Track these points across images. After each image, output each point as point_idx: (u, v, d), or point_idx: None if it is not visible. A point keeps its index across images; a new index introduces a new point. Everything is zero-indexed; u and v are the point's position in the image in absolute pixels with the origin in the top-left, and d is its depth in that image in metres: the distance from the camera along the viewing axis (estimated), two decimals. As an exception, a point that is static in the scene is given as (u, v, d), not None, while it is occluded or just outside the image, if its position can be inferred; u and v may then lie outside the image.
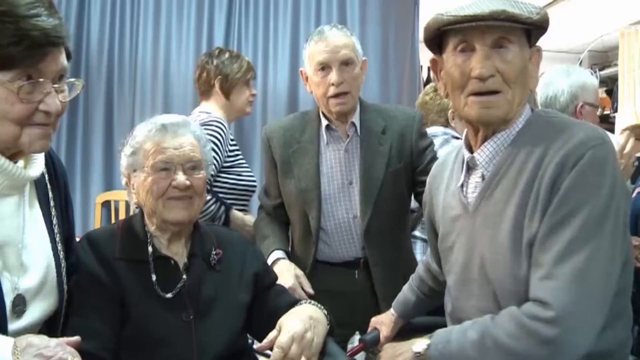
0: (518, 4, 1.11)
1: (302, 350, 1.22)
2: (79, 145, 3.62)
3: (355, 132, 1.78)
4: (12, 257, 1.10)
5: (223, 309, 1.36)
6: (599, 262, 1.02)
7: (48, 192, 1.24)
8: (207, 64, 2.36)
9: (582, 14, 4.88)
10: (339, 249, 1.79)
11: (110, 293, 1.29)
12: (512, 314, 1.06)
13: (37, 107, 1.01)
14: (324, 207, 1.77)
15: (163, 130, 1.36)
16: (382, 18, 3.78)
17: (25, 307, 1.11)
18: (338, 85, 1.70)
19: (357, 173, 1.76)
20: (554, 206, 1.05)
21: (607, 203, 1.03)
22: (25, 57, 0.97)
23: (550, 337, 1.00)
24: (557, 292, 1.01)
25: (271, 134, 1.88)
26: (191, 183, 1.34)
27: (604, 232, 1.03)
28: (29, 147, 1.05)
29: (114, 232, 1.39)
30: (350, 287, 1.78)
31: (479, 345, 1.08)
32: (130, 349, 1.28)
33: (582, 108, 1.97)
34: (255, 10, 3.78)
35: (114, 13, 3.65)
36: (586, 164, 1.04)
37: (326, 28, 1.76)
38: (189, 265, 1.37)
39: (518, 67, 1.12)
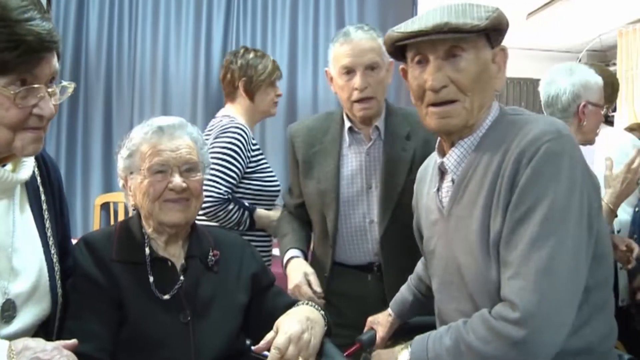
0: (466, 11, 1.11)
1: (299, 351, 1.22)
2: (79, 148, 3.63)
3: (379, 136, 1.75)
4: (2, 261, 1.08)
5: (221, 310, 1.36)
6: (563, 258, 1.01)
7: (40, 195, 1.22)
8: (232, 64, 2.30)
9: (580, 13, 4.88)
10: (353, 252, 1.78)
11: (107, 295, 1.29)
12: (482, 316, 1.06)
13: (31, 111, 1.00)
14: (341, 209, 1.75)
15: (159, 132, 1.36)
16: (380, 18, 3.79)
17: (15, 313, 1.09)
18: (362, 90, 1.67)
19: (377, 177, 1.74)
20: (513, 204, 1.05)
21: (566, 197, 1.02)
22: (20, 63, 0.96)
23: (518, 338, 0.99)
24: (522, 292, 1.00)
25: (295, 132, 1.87)
26: (188, 185, 1.34)
27: (567, 227, 1.02)
28: (22, 151, 1.04)
29: (111, 234, 1.39)
30: (363, 290, 1.76)
31: (454, 351, 1.07)
32: (127, 350, 1.28)
33: (584, 107, 1.94)
34: (253, 10, 3.78)
35: (112, 15, 3.66)
36: (541, 159, 1.03)
37: (352, 29, 1.71)
38: (187, 267, 1.37)
39: (472, 74, 1.12)
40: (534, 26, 5.23)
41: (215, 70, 3.74)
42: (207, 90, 3.73)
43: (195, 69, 3.72)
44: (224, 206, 2.06)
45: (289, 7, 3.79)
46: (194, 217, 1.40)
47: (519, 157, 1.05)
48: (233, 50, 2.51)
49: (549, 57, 6.15)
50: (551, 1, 4.68)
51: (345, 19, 3.81)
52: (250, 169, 2.18)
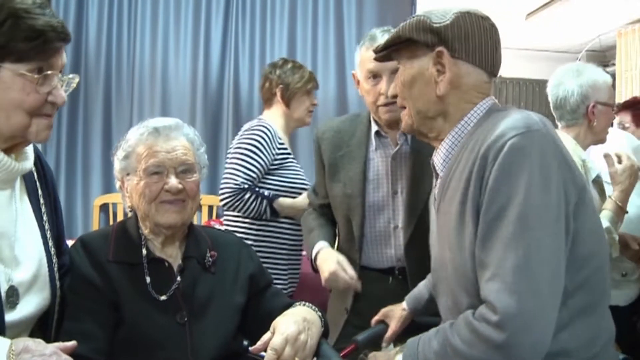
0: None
1: (295, 352, 1.22)
2: (79, 149, 3.64)
3: (406, 140, 1.73)
4: (6, 249, 1.12)
5: (218, 311, 1.36)
6: (541, 257, 0.98)
7: (37, 188, 1.26)
8: (270, 74, 2.45)
9: (579, 13, 4.88)
10: (377, 257, 1.76)
11: (104, 296, 1.29)
12: (466, 319, 1.04)
13: (46, 98, 1.08)
14: (367, 214, 1.74)
15: (155, 133, 1.36)
16: (378, 19, 3.79)
17: (17, 300, 1.12)
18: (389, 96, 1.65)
19: (403, 183, 1.72)
20: (485, 203, 1.03)
21: (540, 193, 0.99)
22: (40, 52, 1.05)
23: (500, 341, 0.97)
24: (500, 294, 0.98)
25: (322, 134, 1.86)
26: (184, 186, 1.34)
27: (543, 225, 0.99)
28: (36, 136, 1.10)
29: (108, 235, 1.39)
30: (384, 293, 1.74)
31: (441, 355, 1.07)
32: (124, 351, 1.28)
33: (594, 108, 1.91)
34: (252, 11, 3.79)
35: (112, 16, 3.67)
36: (506, 155, 1.01)
37: (378, 33, 1.70)
38: (184, 268, 1.37)
39: (402, 83, 1.22)
40: (533, 27, 5.23)
41: (214, 71, 3.75)
42: (206, 91, 3.74)
43: (194, 69, 3.72)
44: (240, 196, 2.18)
45: (288, 8, 3.80)
46: (190, 218, 1.40)
47: (485, 153, 1.04)
48: (272, 62, 2.62)
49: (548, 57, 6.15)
50: (550, 2, 4.68)
51: (344, 20, 3.81)
52: (274, 166, 2.29)
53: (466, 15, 1.16)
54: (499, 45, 1.20)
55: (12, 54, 1.03)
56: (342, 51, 3.84)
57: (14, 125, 1.07)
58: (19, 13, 1.03)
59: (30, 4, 1.05)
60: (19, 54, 1.03)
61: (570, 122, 1.95)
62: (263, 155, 2.24)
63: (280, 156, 2.31)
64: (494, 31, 1.18)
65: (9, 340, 0.99)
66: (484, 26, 1.16)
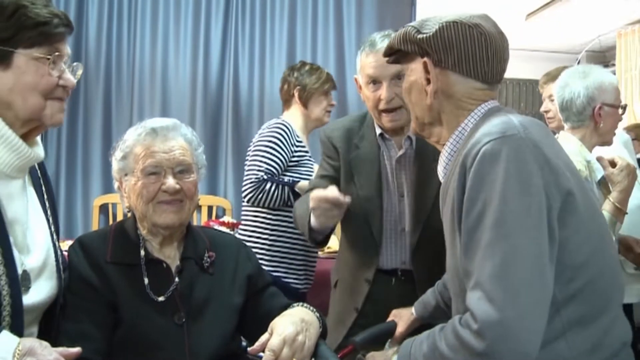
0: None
1: (293, 353, 1.22)
2: (79, 149, 3.65)
3: (410, 145, 1.72)
4: (19, 235, 1.17)
5: (215, 312, 1.36)
6: (519, 263, 0.96)
7: (41, 184, 1.31)
8: (289, 77, 2.53)
9: (579, 14, 4.88)
10: (383, 258, 1.75)
11: (102, 296, 1.29)
12: (453, 324, 1.04)
13: (57, 82, 1.16)
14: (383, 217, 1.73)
15: (153, 134, 1.36)
16: (378, 20, 3.79)
17: (30, 284, 1.17)
18: (389, 102, 1.64)
19: (408, 186, 1.72)
20: (465, 211, 1.03)
21: (517, 199, 0.98)
22: (48, 37, 1.13)
23: (480, 349, 0.96)
24: (479, 302, 0.97)
25: (331, 133, 1.82)
26: (181, 187, 1.34)
27: (521, 231, 0.97)
28: (51, 118, 1.18)
29: (106, 235, 1.39)
30: (389, 293, 1.74)
31: (429, 358, 1.07)
32: (122, 352, 1.28)
33: (600, 109, 1.90)
34: (251, 12, 3.79)
35: (111, 17, 3.68)
36: (479, 162, 1.01)
37: (378, 39, 1.68)
38: (182, 268, 1.37)
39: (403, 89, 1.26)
40: (533, 27, 5.23)
41: (214, 71, 3.75)
42: (206, 91, 3.74)
43: (194, 70, 3.73)
44: (261, 188, 2.26)
45: (288, 9, 3.80)
46: (187, 219, 1.40)
47: (463, 162, 1.05)
48: (291, 65, 2.69)
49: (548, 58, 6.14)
50: (550, 2, 4.68)
51: (344, 21, 3.82)
52: (293, 163, 2.38)
53: (451, 25, 1.15)
54: (493, 52, 1.16)
55: (24, 40, 1.11)
56: (341, 52, 3.84)
57: (30, 108, 1.14)
58: (25, 4, 1.12)
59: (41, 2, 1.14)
60: (30, 40, 1.11)
61: (576, 124, 1.94)
62: (282, 151, 2.33)
63: (298, 153, 2.40)
64: (484, 39, 1.14)
65: (17, 339, 1.03)
66: (471, 35, 1.14)
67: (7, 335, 1.04)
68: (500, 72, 1.20)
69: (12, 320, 1.11)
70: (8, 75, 1.11)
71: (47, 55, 1.13)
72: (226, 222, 3.13)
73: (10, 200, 1.16)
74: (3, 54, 1.10)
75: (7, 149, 1.14)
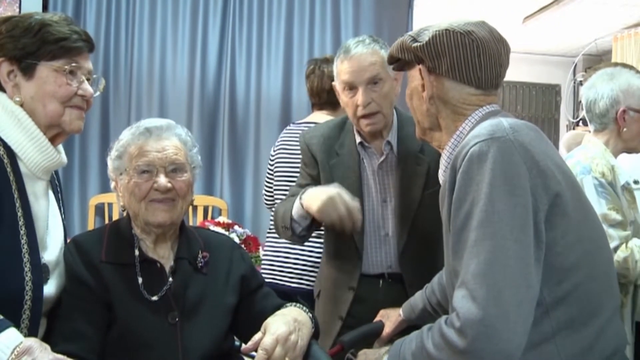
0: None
1: (286, 352, 1.23)
2: (77, 149, 3.65)
3: (391, 150, 1.72)
4: (40, 231, 1.27)
5: (209, 312, 1.37)
6: (503, 263, 0.97)
7: (57, 187, 1.42)
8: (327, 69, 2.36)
9: (576, 18, 4.90)
10: (368, 263, 1.75)
11: (96, 296, 1.30)
12: (439, 323, 1.06)
13: (76, 91, 1.28)
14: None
15: (147, 133, 1.37)
16: (375, 22, 3.80)
17: (49, 276, 1.27)
18: (365, 106, 1.63)
19: (391, 191, 1.72)
20: (452, 212, 1.05)
21: (503, 200, 0.99)
22: (67, 51, 1.26)
23: (461, 347, 0.98)
24: (463, 301, 0.99)
25: (309, 140, 1.81)
26: (173, 185, 1.34)
27: (505, 231, 0.98)
28: (69, 125, 1.29)
29: (101, 235, 1.40)
30: (375, 295, 1.74)
31: (416, 356, 1.08)
32: (116, 351, 1.28)
33: (624, 113, 1.83)
34: (249, 14, 3.79)
35: (109, 18, 3.68)
36: (466, 163, 1.03)
37: (352, 45, 1.67)
38: (175, 268, 1.38)
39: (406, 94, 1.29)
40: (530, 30, 5.25)
41: (211, 72, 3.76)
42: (203, 92, 3.74)
43: (192, 71, 3.73)
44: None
45: (285, 11, 3.80)
46: (180, 218, 1.40)
47: (454, 162, 1.07)
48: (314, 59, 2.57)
49: (545, 61, 6.18)
50: (547, 5, 4.70)
51: (341, 23, 3.82)
52: None
53: (444, 33, 1.16)
54: (487, 58, 1.17)
55: (46, 54, 1.24)
56: (339, 54, 3.84)
57: (50, 113, 1.26)
58: (48, 23, 1.26)
59: (57, 18, 1.29)
60: (52, 53, 1.24)
61: (599, 127, 1.89)
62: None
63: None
64: (476, 45, 1.16)
65: (21, 338, 1.08)
66: (462, 42, 1.16)
67: (14, 332, 1.09)
68: (497, 77, 1.20)
69: (32, 306, 1.20)
70: (31, 84, 1.25)
71: (64, 66, 1.25)
72: (222, 222, 3.13)
73: (35, 198, 1.27)
74: (28, 65, 1.24)
75: (38, 150, 1.26)
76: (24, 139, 1.24)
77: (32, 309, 1.19)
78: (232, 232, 2.87)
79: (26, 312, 1.18)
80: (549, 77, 6.26)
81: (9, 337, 1.07)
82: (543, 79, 6.33)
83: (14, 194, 1.21)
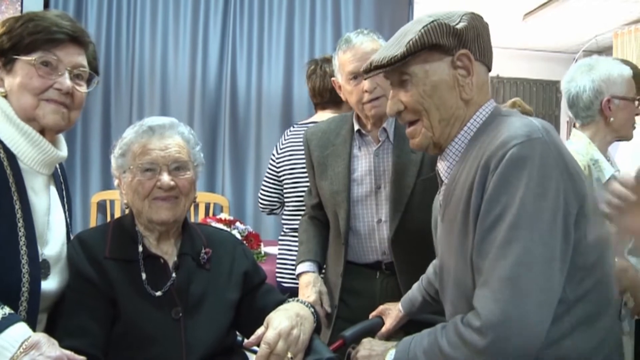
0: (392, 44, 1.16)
1: (288, 346, 1.24)
2: (79, 146, 3.66)
3: (387, 137, 1.76)
4: (40, 227, 1.27)
5: (212, 307, 1.38)
6: (530, 266, 0.98)
7: (62, 189, 1.42)
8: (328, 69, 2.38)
9: (576, 14, 4.90)
10: (363, 251, 1.80)
11: (101, 292, 1.31)
12: (455, 322, 1.07)
13: (51, 84, 1.25)
14: (352, 209, 1.78)
15: (150, 132, 1.38)
16: (376, 19, 3.80)
17: (49, 271, 1.27)
18: (372, 91, 1.68)
19: (386, 178, 1.76)
20: (482, 211, 1.04)
21: (535, 202, 0.99)
22: (43, 43, 1.24)
23: (481, 346, 0.99)
24: (487, 301, 0.99)
25: (310, 136, 1.91)
26: (176, 183, 1.36)
27: (535, 234, 0.99)
28: (43, 118, 1.26)
29: (104, 232, 1.41)
30: (372, 288, 1.79)
31: (429, 354, 1.09)
32: (120, 346, 1.30)
33: (609, 103, 1.79)
34: (250, 12, 3.80)
35: (110, 17, 3.69)
36: (506, 165, 1.01)
37: (352, 35, 1.74)
38: (179, 264, 1.39)
39: (422, 94, 1.14)
40: (530, 27, 5.25)
41: (213, 70, 3.77)
42: (204, 90, 3.76)
43: (193, 69, 3.74)
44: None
45: (286, 10, 3.81)
46: (183, 215, 1.42)
47: (487, 163, 1.04)
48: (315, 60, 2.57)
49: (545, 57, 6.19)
50: (547, 2, 4.70)
51: (342, 21, 3.83)
52: None
53: (474, 16, 1.16)
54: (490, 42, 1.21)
55: (23, 47, 1.24)
56: (339, 51, 3.85)
57: (23, 106, 1.25)
58: (33, 17, 1.25)
59: (49, 14, 1.27)
60: (27, 46, 1.24)
61: (586, 120, 1.85)
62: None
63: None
64: (488, 28, 1.20)
65: (30, 332, 1.10)
66: (484, 25, 1.18)
67: (23, 326, 1.11)
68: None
69: (30, 300, 1.20)
70: (10, 79, 1.26)
71: (39, 60, 1.24)
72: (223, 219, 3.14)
73: (34, 193, 1.27)
74: (9, 60, 1.25)
75: (31, 144, 1.26)
76: (17, 135, 1.24)
77: (30, 303, 1.20)
78: (234, 229, 2.88)
79: (23, 305, 1.19)
80: (549, 73, 6.26)
81: (18, 331, 1.08)
82: (543, 75, 6.34)
83: (12, 187, 1.21)
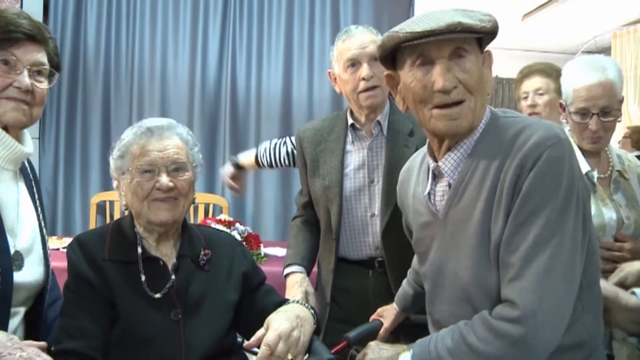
0: (469, 12, 1.12)
1: (288, 348, 1.24)
2: (78, 148, 3.66)
3: (381, 131, 1.79)
4: (9, 219, 1.29)
5: (211, 308, 1.38)
6: (562, 259, 1.05)
7: (31, 179, 1.44)
8: None
9: (575, 15, 4.91)
10: (355, 246, 1.81)
11: (100, 294, 1.31)
12: (483, 318, 1.09)
13: (11, 83, 1.27)
14: (344, 204, 1.79)
15: (148, 133, 1.38)
16: (375, 20, 3.81)
17: (22, 263, 1.30)
18: (369, 79, 1.72)
19: (379, 172, 1.77)
20: (516, 208, 1.07)
21: (566, 200, 1.06)
22: (0, 43, 1.25)
23: (518, 336, 1.03)
24: (524, 292, 1.04)
25: (303, 134, 1.93)
26: (175, 184, 1.36)
27: (565, 229, 1.05)
28: (4, 115, 1.28)
29: (103, 233, 1.41)
30: (364, 286, 1.79)
31: (455, 352, 1.09)
32: (119, 348, 1.30)
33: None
34: (249, 12, 3.80)
35: (110, 18, 3.70)
36: (543, 165, 1.06)
37: (352, 27, 1.80)
38: (178, 266, 1.39)
39: (476, 75, 1.13)
40: (529, 27, 5.26)
41: (212, 71, 3.77)
42: (204, 91, 3.76)
43: (192, 70, 3.74)
44: None
45: (285, 10, 3.82)
46: (182, 216, 1.41)
47: (522, 162, 1.07)
48: None
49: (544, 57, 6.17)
50: (546, 3, 4.71)
51: (341, 22, 3.83)
52: None
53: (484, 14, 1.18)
54: None
55: None
56: (338, 52, 3.85)
57: None
58: None
59: (11, 13, 1.28)
60: None
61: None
62: None
63: None
64: None
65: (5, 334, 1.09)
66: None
67: None
68: None
69: (2, 291, 1.21)
70: None
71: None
72: (223, 220, 3.13)
73: (1, 188, 1.29)
74: None
75: None
76: None
77: (2, 294, 1.21)
78: (234, 230, 2.87)
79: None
80: (549, 74, 6.25)
81: None
82: (542, 76, 6.33)
83: None
